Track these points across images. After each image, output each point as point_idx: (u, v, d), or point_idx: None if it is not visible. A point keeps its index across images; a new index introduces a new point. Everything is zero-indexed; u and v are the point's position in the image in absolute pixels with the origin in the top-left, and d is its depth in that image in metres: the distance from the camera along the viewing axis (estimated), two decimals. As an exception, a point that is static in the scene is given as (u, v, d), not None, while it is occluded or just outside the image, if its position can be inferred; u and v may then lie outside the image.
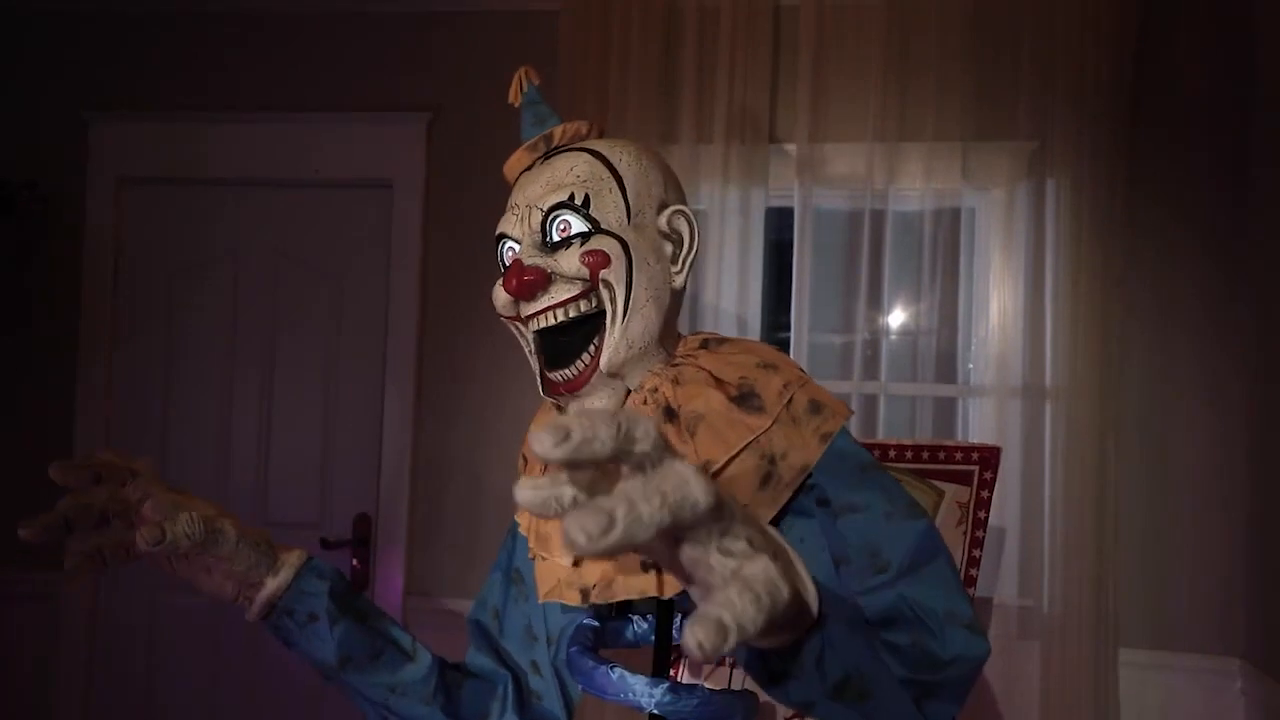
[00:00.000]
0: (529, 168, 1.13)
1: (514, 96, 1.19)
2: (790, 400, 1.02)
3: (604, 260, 1.02)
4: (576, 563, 1.07)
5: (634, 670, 1.08)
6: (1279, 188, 2.28)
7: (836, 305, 2.63)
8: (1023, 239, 2.49)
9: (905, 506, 1.00)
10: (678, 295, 1.10)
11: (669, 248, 1.09)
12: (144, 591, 2.90)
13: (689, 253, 1.10)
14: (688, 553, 0.56)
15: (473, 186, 2.76)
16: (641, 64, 2.56)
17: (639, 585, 1.03)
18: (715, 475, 0.99)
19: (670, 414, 1.02)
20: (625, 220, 1.05)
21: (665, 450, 0.54)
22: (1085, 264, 2.40)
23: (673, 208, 1.09)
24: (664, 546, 0.56)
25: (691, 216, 1.10)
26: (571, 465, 0.52)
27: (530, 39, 2.72)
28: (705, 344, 1.10)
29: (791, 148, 2.57)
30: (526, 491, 0.54)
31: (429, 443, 2.77)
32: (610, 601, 1.07)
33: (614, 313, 1.03)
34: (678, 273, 1.09)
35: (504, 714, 1.22)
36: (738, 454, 0.99)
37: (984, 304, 2.58)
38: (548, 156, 1.12)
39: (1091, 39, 2.41)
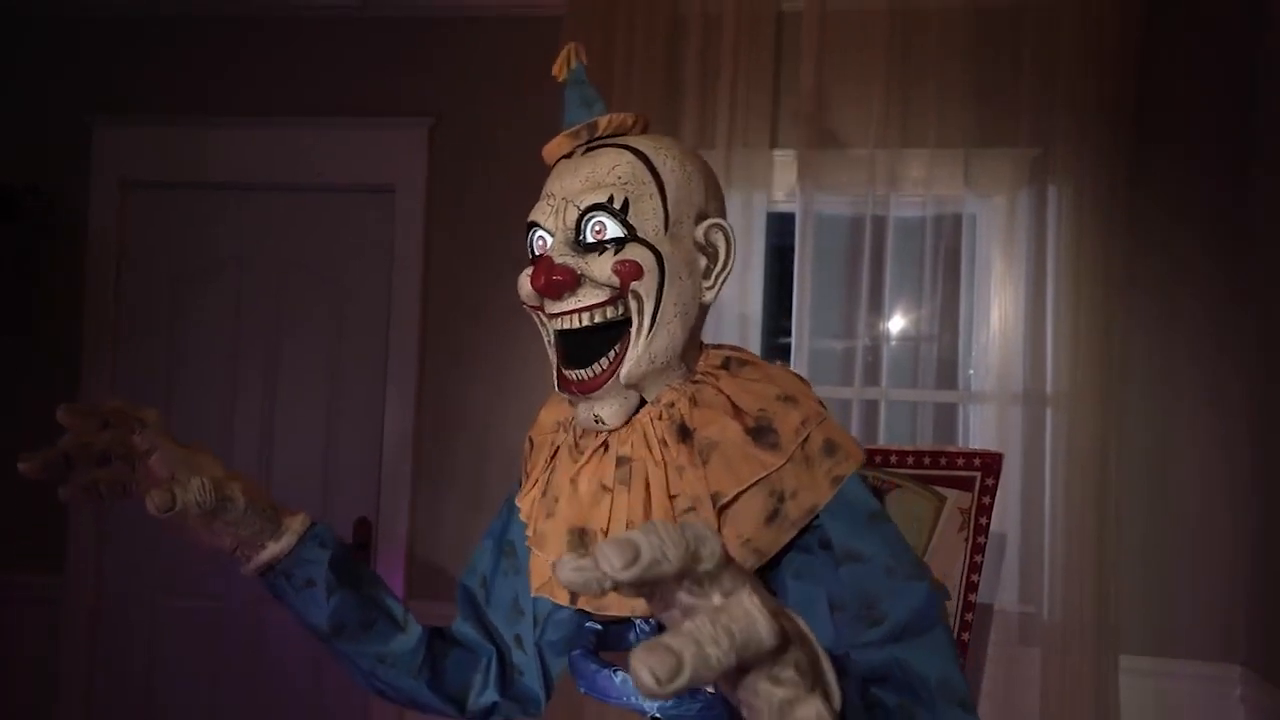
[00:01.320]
0: (569, 154, 1.11)
1: (559, 71, 1.15)
2: (806, 439, 1.01)
3: (636, 271, 1.00)
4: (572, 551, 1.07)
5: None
6: (1280, 195, 2.29)
7: (838, 311, 2.63)
8: (1024, 245, 2.49)
9: (910, 565, 0.99)
10: (705, 309, 1.09)
11: (703, 261, 1.07)
12: (144, 593, 2.90)
13: (723, 269, 1.08)
14: (742, 683, 0.55)
15: (475, 191, 2.77)
16: (644, 69, 2.57)
17: (630, 604, 1.03)
18: (723, 508, 0.99)
19: (685, 432, 1.02)
20: (662, 229, 1.03)
21: (727, 569, 0.54)
22: (1086, 270, 2.40)
23: (711, 221, 1.07)
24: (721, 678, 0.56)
25: (730, 231, 1.08)
26: (637, 585, 0.51)
27: (533, 44, 2.73)
28: (727, 363, 1.08)
29: (793, 153, 2.57)
30: (570, 573, 0.53)
31: (430, 446, 2.77)
32: (602, 613, 1.07)
33: (640, 325, 1.02)
34: (709, 288, 1.07)
35: (485, 689, 1.22)
36: (747, 489, 0.99)
37: (985, 310, 2.58)
38: (590, 147, 1.09)
39: (1093, 45, 2.41)
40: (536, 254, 1.09)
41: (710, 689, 1.29)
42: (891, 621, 0.95)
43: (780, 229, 2.71)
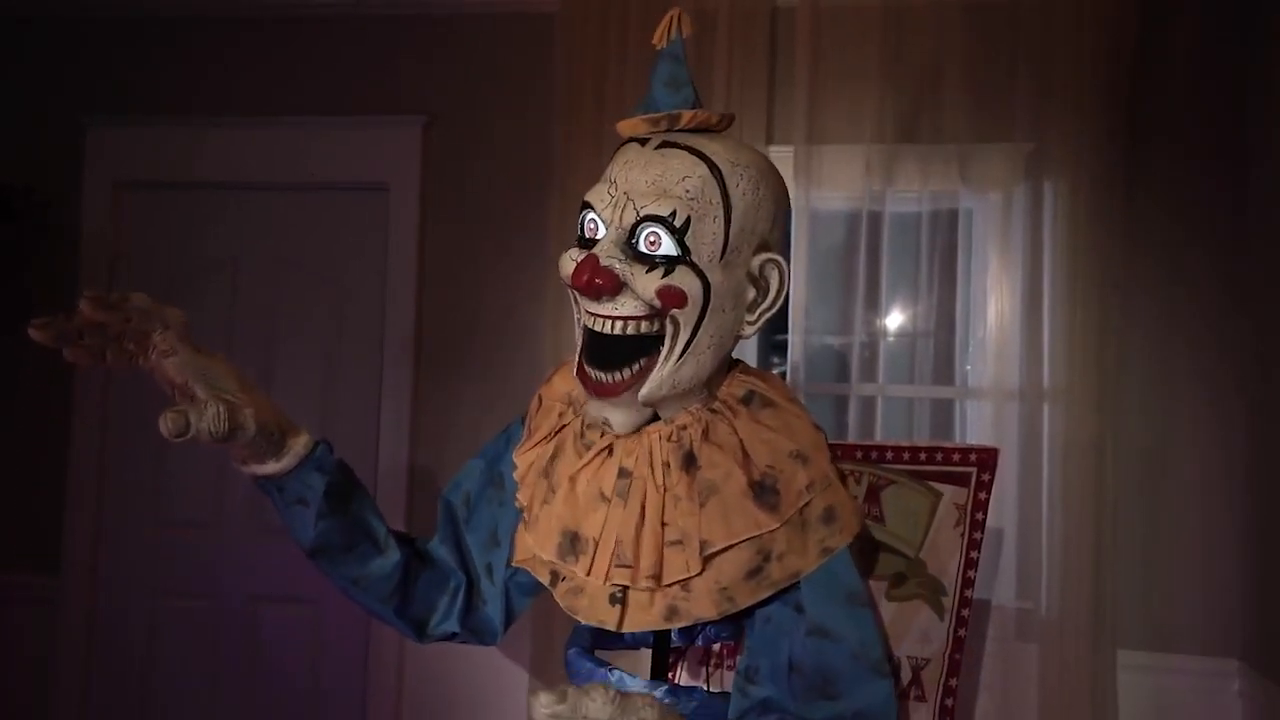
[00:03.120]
0: (642, 141, 1.07)
1: (658, 39, 1.12)
2: (807, 504, 1.01)
3: (680, 300, 0.99)
4: (561, 555, 1.07)
5: (632, 673, 1.08)
6: (1278, 188, 2.29)
7: (834, 307, 2.63)
8: (1020, 241, 2.49)
9: (877, 659, 1.00)
10: (740, 339, 1.08)
11: (751, 293, 1.05)
12: (141, 593, 2.90)
13: (770, 307, 1.06)
14: None
15: (469, 188, 2.76)
16: (638, 66, 2.56)
17: (599, 615, 1.04)
18: (710, 557, 0.99)
19: (690, 461, 1.02)
20: (718, 256, 1.01)
21: None
22: (1082, 265, 2.40)
23: (768, 256, 1.04)
24: None
25: (785, 270, 1.05)
26: None
27: (527, 41, 2.73)
28: (749, 399, 1.07)
29: (789, 150, 2.56)
30: (544, 715, 0.57)
31: (426, 444, 2.76)
32: (573, 615, 1.07)
33: (671, 350, 1.01)
34: (750, 322, 1.06)
35: (448, 617, 1.23)
36: (736, 543, 0.99)
37: (981, 306, 2.58)
38: (666, 140, 1.05)
39: (1089, 40, 2.41)
40: (585, 235, 1.06)
41: (706, 687, 1.29)
42: (844, 705, 0.97)
43: (776, 226, 2.70)
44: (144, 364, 1.03)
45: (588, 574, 1.04)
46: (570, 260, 1.04)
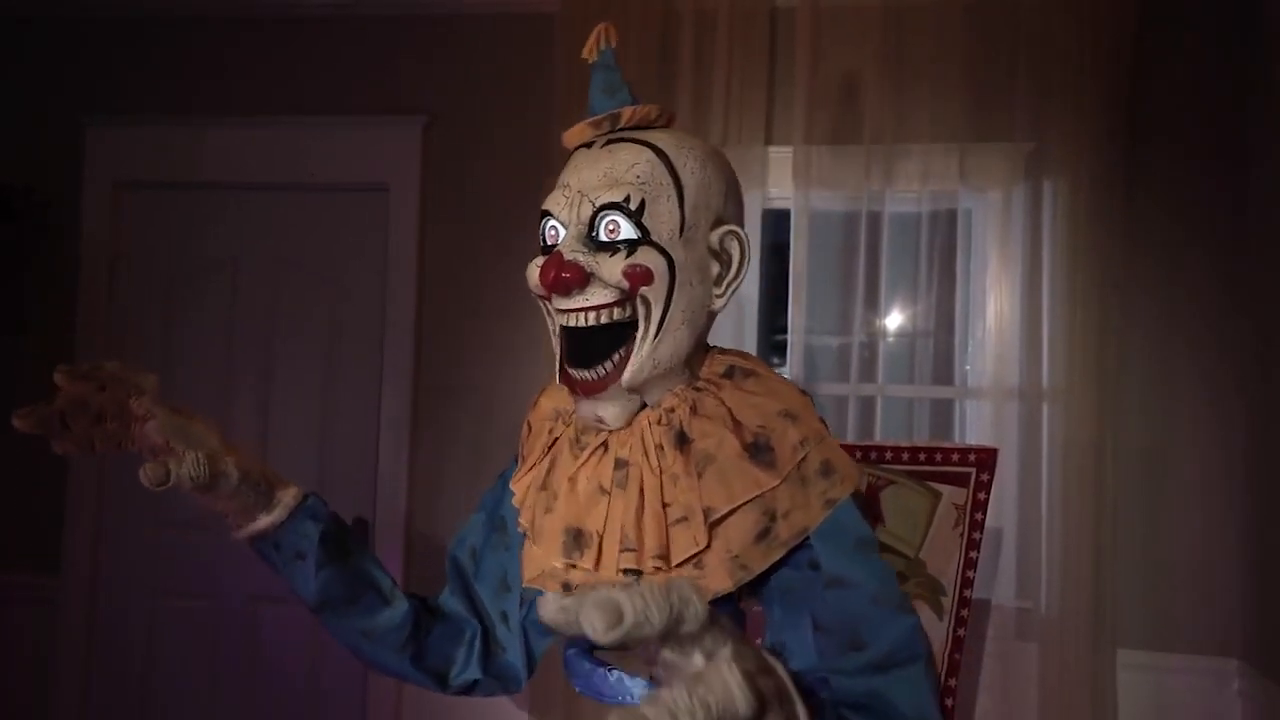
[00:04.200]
0: (589, 144, 1.09)
1: (589, 53, 1.14)
2: (804, 459, 1.01)
3: (646, 276, 1.00)
4: (571, 563, 1.07)
5: (633, 673, 1.08)
6: (1278, 188, 2.29)
7: (834, 307, 2.63)
8: (1020, 240, 2.49)
9: (896, 596, 1.00)
10: (713, 315, 1.08)
11: (715, 268, 1.06)
12: (141, 593, 2.90)
13: (735, 277, 1.07)
14: None
15: (469, 188, 2.76)
16: (638, 66, 2.56)
17: None
18: (716, 524, 0.99)
19: (682, 439, 1.02)
20: (677, 233, 1.02)
21: (710, 630, 0.55)
22: (1082, 265, 2.40)
23: (727, 228, 1.06)
24: None
25: (745, 239, 1.07)
26: (620, 644, 0.53)
27: (527, 41, 2.73)
28: (731, 372, 1.08)
29: (788, 150, 2.57)
30: (554, 612, 0.55)
31: (426, 446, 2.76)
32: None
33: (646, 330, 1.02)
34: (719, 295, 1.06)
35: (468, 665, 1.22)
36: (740, 506, 0.99)
37: (981, 306, 2.58)
38: (611, 139, 1.08)
39: (1088, 39, 2.41)
40: (548, 243, 1.07)
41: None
42: (873, 650, 0.96)
43: (776, 226, 2.71)
44: (130, 446, 1.04)
45: (594, 567, 1.04)
46: (536, 268, 1.05)
